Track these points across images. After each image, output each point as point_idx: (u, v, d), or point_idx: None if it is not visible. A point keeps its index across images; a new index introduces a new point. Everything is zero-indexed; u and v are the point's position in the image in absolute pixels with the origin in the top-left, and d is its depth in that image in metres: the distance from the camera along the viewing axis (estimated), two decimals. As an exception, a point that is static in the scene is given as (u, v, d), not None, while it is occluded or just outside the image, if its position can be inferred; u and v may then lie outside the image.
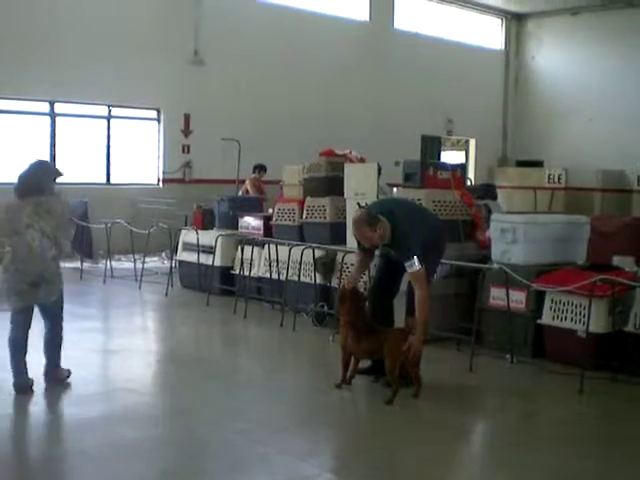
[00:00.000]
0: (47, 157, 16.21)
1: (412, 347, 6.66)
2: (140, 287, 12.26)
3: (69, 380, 7.10)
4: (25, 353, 6.89)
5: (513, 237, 8.55)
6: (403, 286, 7.23)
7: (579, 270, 8.32)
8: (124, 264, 14.48)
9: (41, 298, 6.95)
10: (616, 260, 8.83)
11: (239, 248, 11.29)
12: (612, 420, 6.80)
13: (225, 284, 11.68)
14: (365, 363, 7.13)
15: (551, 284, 8.02)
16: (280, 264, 10.49)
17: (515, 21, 25.25)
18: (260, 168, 15.87)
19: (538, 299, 8.21)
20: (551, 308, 8.05)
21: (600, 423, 6.76)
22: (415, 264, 6.66)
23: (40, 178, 7.40)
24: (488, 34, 24.85)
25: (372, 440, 6.03)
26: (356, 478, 5.23)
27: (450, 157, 24.12)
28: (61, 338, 7.24)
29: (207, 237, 12.02)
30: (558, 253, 8.67)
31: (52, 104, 16.26)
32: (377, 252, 7.32)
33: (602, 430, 6.59)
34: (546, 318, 8.09)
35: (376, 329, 7.00)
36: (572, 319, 7.86)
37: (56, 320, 7.21)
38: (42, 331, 7.15)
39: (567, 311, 7.91)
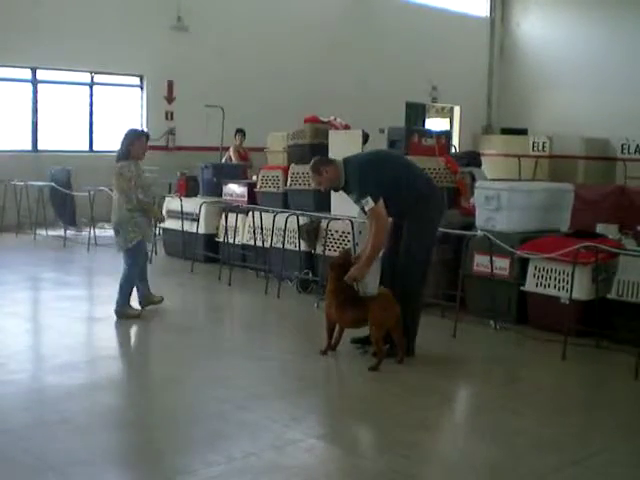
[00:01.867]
0: (29, 125, 16.12)
1: (350, 272, 6.81)
2: (124, 255, 12.21)
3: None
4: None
5: (497, 204, 8.57)
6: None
7: (563, 237, 8.35)
8: (108, 232, 14.40)
9: (118, 244, 8.43)
10: (600, 228, 8.87)
11: (223, 215, 11.27)
12: (594, 386, 6.86)
13: (209, 251, 11.67)
14: (360, 332, 7.10)
15: (535, 251, 8.05)
16: (264, 231, 10.48)
17: (501, -13, 25.16)
18: (238, 132, 15.82)
19: (522, 266, 8.24)
20: (535, 275, 8.09)
21: (582, 389, 6.81)
22: (369, 201, 6.70)
23: (120, 147, 8.39)
24: (473, 0, 24.70)
25: (357, 406, 6.06)
26: (341, 443, 5.25)
27: (435, 124, 24.08)
28: (126, 283, 8.32)
29: (191, 204, 11.99)
30: (542, 220, 8.70)
31: (34, 71, 16.12)
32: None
33: (584, 396, 6.64)
34: (530, 285, 8.13)
35: (360, 298, 7.02)
36: (555, 286, 7.90)
37: (126, 266, 8.36)
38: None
39: (551, 278, 7.96)
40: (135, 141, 8.32)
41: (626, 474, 4.95)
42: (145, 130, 8.93)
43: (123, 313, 8.26)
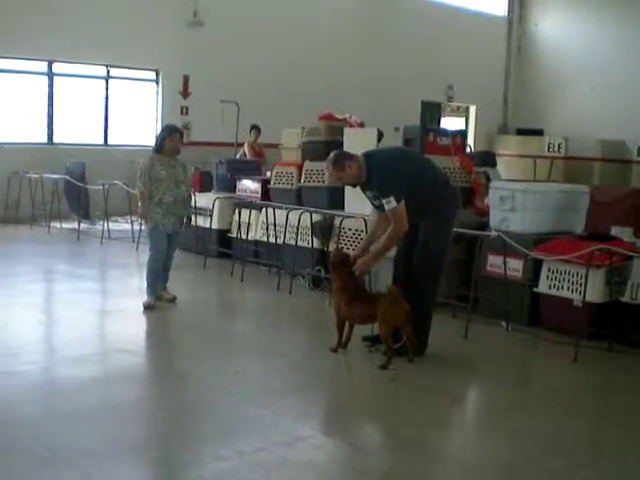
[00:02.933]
0: (44, 117, 16.16)
1: (359, 264, 6.82)
2: (137, 248, 12.25)
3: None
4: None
5: (512, 205, 8.54)
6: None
7: (577, 239, 8.31)
8: (121, 225, 14.47)
9: None
10: (614, 230, 8.82)
11: (236, 211, 11.28)
12: (605, 389, 6.82)
13: (222, 247, 11.68)
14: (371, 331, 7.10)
15: (549, 253, 8.02)
16: (277, 228, 10.48)
17: (519, -13, 25.06)
18: (253, 128, 15.84)
19: (535, 267, 8.21)
20: (548, 277, 8.06)
21: (593, 392, 6.79)
22: (392, 201, 6.62)
23: (155, 140, 9.06)
24: (491, 0, 24.62)
25: (366, 404, 6.06)
26: (351, 440, 5.24)
27: (450, 123, 23.99)
28: (146, 270, 8.72)
29: (205, 200, 11.99)
30: (556, 222, 8.66)
31: (50, 64, 16.14)
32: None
33: (595, 399, 6.61)
34: (543, 287, 8.10)
35: (369, 295, 7.01)
36: (569, 288, 7.87)
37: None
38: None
39: (564, 280, 7.92)
40: (167, 137, 8.70)
41: (636, 477, 4.93)
42: (179, 127, 9.43)
43: (144, 304, 8.51)
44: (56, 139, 16.31)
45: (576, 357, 7.12)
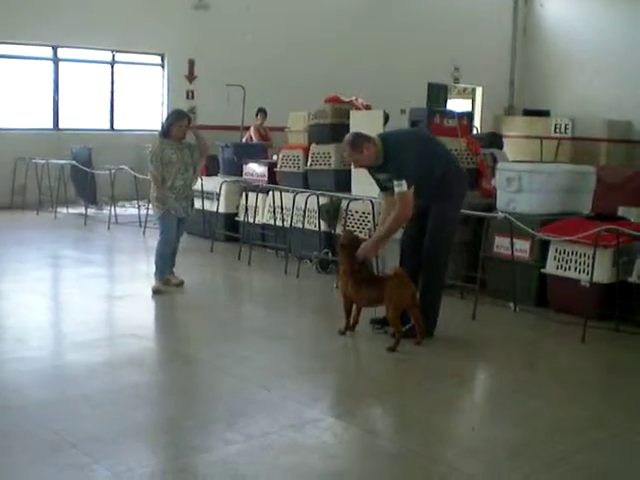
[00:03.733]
0: (50, 103, 16.15)
1: (361, 249, 6.81)
2: (144, 233, 12.27)
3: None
4: None
5: (518, 186, 8.53)
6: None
7: (584, 220, 8.30)
8: (128, 210, 14.49)
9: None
10: (621, 211, 8.81)
11: (243, 195, 11.28)
12: (613, 370, 6.84)
13: (229, 231, 11.70)
14: (379, 313, 7.09)
15: (556, 233, 8.01)
16: (284, 211, 10.48)
17: (525, -33, 24.91)
18: (259, 111, 15.83)
19: (542, 248, 8.21)
20: (555, 258, 8.05)
21: (601, 372, 6.80)
22: (403, 185, 6.60)
23: (161, 125, 9.15)
24: (497, -19, 24.49)
25: (375, 386, 6.06)
26: (359, 423, 5.25)
27: (457, 105, 23.91)
28: (155, 254, 8.77)
29: (211, 183, 11.99)
30: (563, 203, 8.65)
31: (55, 49, 16.13)
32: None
33: (603, 379, 6.62)
34: (550, 267, 8.09)
35: (376, 277, 7.02)
36: (576, 269, 7.86)
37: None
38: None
39: (571, 261, 7.91)
40: (174, 122, 8.70)
41: (644, 458, 4.94)
42: (186, 112, 9.58)
43: (153, 288, 8.55)
44: (62, 124, 16.31)
45: (584, 337, 7.12)
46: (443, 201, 6.92)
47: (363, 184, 9.12)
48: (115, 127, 17.15)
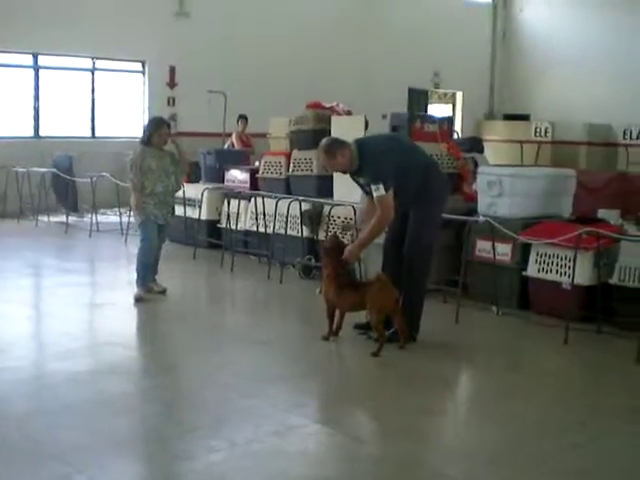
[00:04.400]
0: (31, 111, 16.10)
1: (347, 252, 6.86)
2: (126, 241, 12.23)
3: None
4: None
5: (499, 190, 8.56)
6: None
7: (565, 223, 8.34)
8: (110, 218, 14.43)
9: None
10: (602, 213, 8.86)
11: (225, 201, 11.26)
12: (596, 371, 6.87)
13: (211, 237, 11.67)
14: (363, 318, 7.10)
15: (537, 237, 8.04)
16: (267, 217, 10.47)
17: (503, -28, 25.03)
18: (240, 118, 15.84)
19: (524, 252, 8.24)
20: (536, 260, 8.08)
21: (584, 374, 6.82)
22: (381, 189, 6.64)
23: (142, 133, 9.11)
24: (476, -14, 24.60)
25: (359, 391, 6.07)
26: (343, 429, 5.25)
27: (437, 110, 23.97)
28: (136, 261, 8.70)
29: (193, 190, 11.96)
30: (544, 206, 8.69)
31: (35, 57, 16.08)
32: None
33: (586, 381, 6.65)
34: (531, 270, 8.12)
35: (358, 282, 7.04)
36: (557, 271, 7.90)
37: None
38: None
39: (552, 263, 7.95)
40: (155, 130, 8.68)
41: (628, 458, 4.96)
42: (166, 119, 9.43)
43: (135, 296, 8.49)
44: (43, 132, 16.26)
45: (566, 340, 7.15)
46: (424, 205, 6.94)
47: (345, 189, 9.14)
48: (96, 134, 17.10)
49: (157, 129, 8.70)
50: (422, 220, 6.95)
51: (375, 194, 6.71)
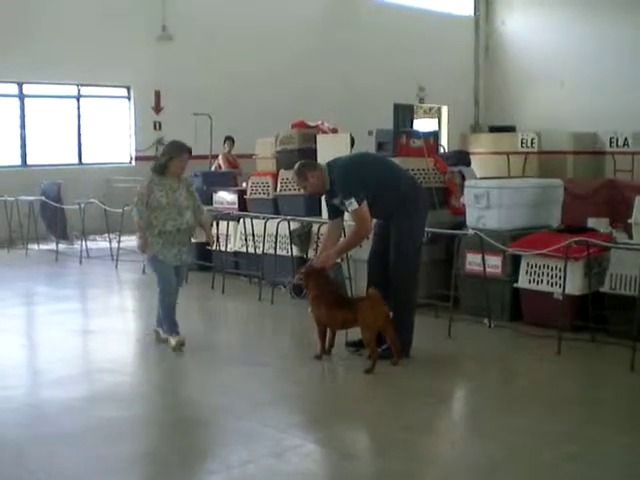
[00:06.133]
0: (17, 139, 16.10)
1: (321, 257, 7.04)
2: (117, 266, 12.21)
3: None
4: None
5: (487, 202, 8.58)
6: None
7: (554, 233, 8.36)
8: (99, 244, 14.41)
9: None
10: (591, 222, 8.89)
11: (214, 223, 11.25)
12: (590, 380, 6.88)
13: (202, 260, 11.65)
14: (355, 336, 7.09)
15: (526, 248, 8.06)
16: (256, 238, 10.48)
17: (484, -15, 25.18)
18: (227, 139, 15.86)
19: (514, 263, 8.25)
20: (527, 272, 8.10)
21: (578, 384, 6.81)
22: (353, 203, 6.75)
23: (158, 159, 7.97)
24: (457, 0, 24.68)
25: (354, 409, 6.06)
26: (339, 447, 5.24)
27: (423, 124, 24.07)
28: (160, 306, 7.65)
29: (182, 214, 11.92)
30: (532, 217, 8.72)
31: (20, 85, 16.10)
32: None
33: (580, 391, 6.63)
34: (522, 282, 8.14)
35: (348, 300, 7.05)
36: (548, 282, 7.92)
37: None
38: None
39: (543, 274, 7.97)
40: (176, 156, 7.55)
41: (624, 468, 4.95)
42: (188, 145, 7.78)
43: (173, 347, 7.49)
44: (30, 161, 16.27)
45: (559, 350, 7.16)
46: (402, 219, 6.98)
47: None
48: (83, 161, 17.11)
49: (178, 155, 7.55)
50: (400, 235, 6.98)
51: (349, 209, 6.83)
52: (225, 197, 11.99)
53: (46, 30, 15.77)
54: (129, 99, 17.71)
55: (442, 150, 15.58)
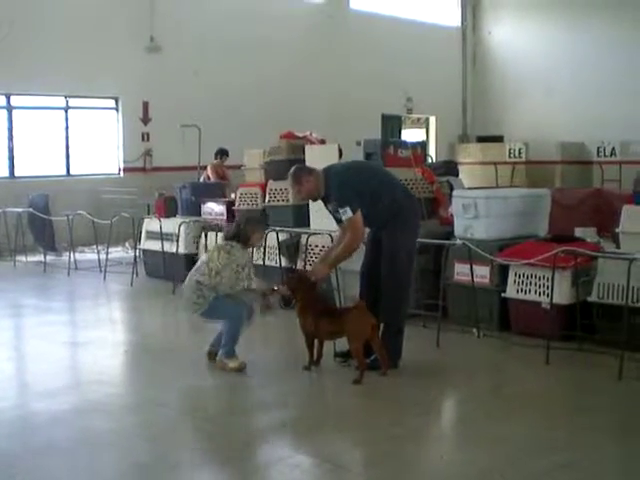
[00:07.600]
0: (5, 151, 16.07)
1: (314, 269, 7.07)
2: (105, 278, 12.18)
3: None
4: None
5: (475, 212, 8.61)
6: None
7: (541, 242, 8.38)
8: (87, 255, 14.37)
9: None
10: (578, 231, 8.93)
11: (203, 234, 11.25)
12: (578, 390, 6.88)
13: (190, 271, 11.61)
14: (343, 347, 7.10)
15: (514, 257, 8.08)
16: (245, 249, 10.45)
17: (471, -4, 25.30)
18: (222, 153, 15.85)
19: (502, 273, 8.27)
20: (515, 281, 8.12)
21: (567, 393, 6.84)
22: (348, 211, 6.75)
23: (236, 227, 7.56)
24: (444, 11, 24.79)
25: (342, 420, 6.05)
26: (328, 458, 5.23)
27: (411, 135, 24.14)
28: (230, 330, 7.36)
29: (170, 225, 11.94)
30: (520, 226, 8.74)
31: (8, 97, 16.07)
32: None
33: (570, 399, 6.66)
34: (510, 291, 8.16)
35: (335, 310, 7.06)
36: (536, 291, 7.94)
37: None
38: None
39: (531, 284, 7.99)
40: (258, 231, 7.56)
41: (615, 475, 4.97)
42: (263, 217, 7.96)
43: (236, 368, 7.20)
44: (18, 172, 16.22)
45: (548, 359, 7.18)
46: (394, 229, 6.97)
47: (322, 218, 9.15)
48: (71, 172, 17.06)
49: (261, 229, 7.76)
50: (393, 246, 6.96)
51: (344, 217, 6.81)
52: (214, 208, 11.99)
53: (34, 42, 15.73)
54: (117, 110, 17.68)
55: (430, 160, 15.66)
